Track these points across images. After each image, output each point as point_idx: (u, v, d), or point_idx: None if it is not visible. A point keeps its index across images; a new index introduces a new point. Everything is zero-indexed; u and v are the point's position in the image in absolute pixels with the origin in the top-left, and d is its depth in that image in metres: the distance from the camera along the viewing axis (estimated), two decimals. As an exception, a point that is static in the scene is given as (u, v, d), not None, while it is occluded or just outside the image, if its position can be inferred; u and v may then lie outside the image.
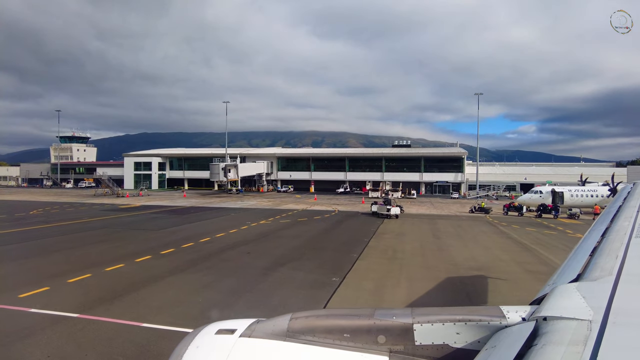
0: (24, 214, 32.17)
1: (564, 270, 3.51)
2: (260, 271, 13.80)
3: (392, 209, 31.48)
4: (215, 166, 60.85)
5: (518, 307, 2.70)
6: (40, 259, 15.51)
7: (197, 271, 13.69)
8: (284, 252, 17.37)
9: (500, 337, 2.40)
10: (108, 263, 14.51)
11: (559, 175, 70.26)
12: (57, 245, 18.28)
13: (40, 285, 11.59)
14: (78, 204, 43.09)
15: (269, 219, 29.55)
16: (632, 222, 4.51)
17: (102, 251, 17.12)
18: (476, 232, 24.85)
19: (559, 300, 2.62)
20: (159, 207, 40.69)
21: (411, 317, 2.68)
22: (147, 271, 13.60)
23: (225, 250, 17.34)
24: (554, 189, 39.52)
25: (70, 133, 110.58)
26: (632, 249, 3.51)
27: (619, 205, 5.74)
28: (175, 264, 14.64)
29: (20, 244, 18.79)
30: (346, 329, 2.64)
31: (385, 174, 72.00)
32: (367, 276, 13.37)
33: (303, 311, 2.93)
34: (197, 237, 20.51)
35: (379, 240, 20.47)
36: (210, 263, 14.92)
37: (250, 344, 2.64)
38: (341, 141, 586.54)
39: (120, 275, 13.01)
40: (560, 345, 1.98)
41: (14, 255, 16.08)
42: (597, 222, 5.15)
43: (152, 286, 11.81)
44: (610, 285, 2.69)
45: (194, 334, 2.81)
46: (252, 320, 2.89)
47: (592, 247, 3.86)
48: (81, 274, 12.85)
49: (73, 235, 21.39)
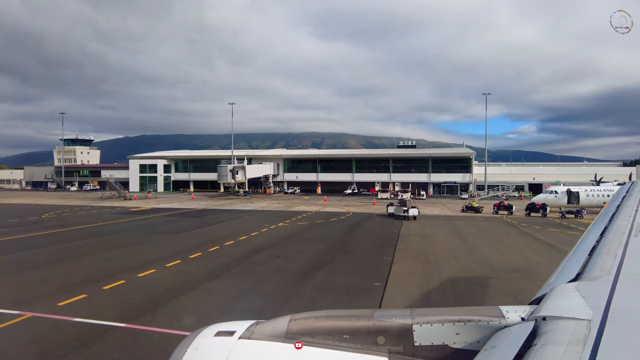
0: (36, 218, 31.78)
1: (563, 270, 3.49)
2: (297, 275, 13.40)
3: (411, 210, 31.15)
4: (223, 168, 60.44)
5: (517, 307, 2.70)
6: (68, 264, 15.09)
7: (232, 276, 13.29)
8: (313, 255, 16.98)
9: (500, 337, 2.39)
10: (138, 268, 14.11)
11: (568, 175, 69.96)
12: (81, 250, 17.87)
13: (76, 292, 11.19)
14: (88, 207, 42.70)
15: (285, 222, 29.15)
16: (631, 221, 4.48)
17: (127, 256, 16.73)
18: (499, 234, 24.46)
19: (558, 299, 2.61)
20: (170, 209, 40.30)
21: (410, 317, 2.66)
22: (181, 277, 13.20)
23: (253, 254, 16.93)
24: (569, 189, 39.08)
25: (73, 136, 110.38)
26: (630, 248, 3.47)
27: (617, 204, 5.74)
28: (207, 269, 14.24)
29: (41, 249, 18.36)
30: (346, 330, 2.63)
31: (393, 174, 71.63)
32: (409, 281, 12.96)
33: (302, 312, 2.91)
34: (220, 240, 20.11)
35: (405, 243, 20.06)
36: (243, 267, 14.52)
37: (249, 345, 2.62)
38: (341, 142, 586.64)
39: (155, 282, 12.61)
40: (559, 344, 1.97)
41: (40, 261, 15.65)
42: (596, 222, 5.10)
43: (192, 293, 11.40)
44: (609, 284, 2.66)
45: (193, 336, 2.79)
46: (252, 322, 2.89)
47: (591, 246, 3.83)
48: (114, 281, 12.45)
49: (93, 240, 21.01)
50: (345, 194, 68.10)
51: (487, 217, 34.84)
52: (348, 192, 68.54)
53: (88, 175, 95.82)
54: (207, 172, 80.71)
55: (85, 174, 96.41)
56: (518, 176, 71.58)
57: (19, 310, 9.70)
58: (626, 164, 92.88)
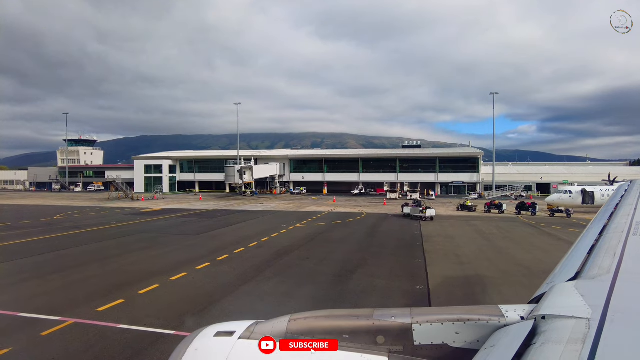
0: (49, 219, 31.41)
1: (562, 269, 3.48)
2: (334, 278, 13.06)
3: (428, 210, 31.00)
4: (230, 168, 60.10)
5: (517, 306, 2.71)
6: (95, 267, 14.73)
7: (266, 279, 12.94)
8: (343, 257, 16.65)
9: (499, 336, 2.40)
10: (169, 271, 13.76)
11: (576, 175, 69.65)
12: (104, 252, 17.52)
13: (112, 297, 10.84)
14: (97, 208, 42.34)
15: (302, 222, 28.80)
16: (630, 220, 4.49)
17: (153, 258, 16.39)
18: (522, 234, 24.16)
19: (557, 298, 2.62)
20: (180, 210, 39.95)
21: (410, 317, 2.68)
22: (214, 280, 12.86)
23: (281, 256, 16.59)
24: (584, 189, 38.79)
25: (77, 136, 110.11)
26: (629, 247, 3.47)
27: (616, 203, 5.75)
28: (239, 272, 13.89)
29: (63, 251, 17.99)
30: (345, 330, 2.64)
31: (400, 174, 71.30)
32: (451, 283, 12.63)
33: (302, 312, 2.92)
34: (243, 242, 19.77)
35: (431, 244, 19.71)
36: (275, 270, 14.17)
37: (249, 345, 2.62)
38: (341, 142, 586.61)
39: (190, 285, 12.27)
40: (558, 343, 1.98)
41: (66, 264, 15.29)
42: (594, 220, 5.10)
43: (231, 297, 11.05)
44: (608, 283, 2.66)
45: (192, 337, 2.78)
46: (251, 322, 2.89)
47: (590, 245, 3.84)
48: (148, 284, 12.09)
49: (113, 242, 20.65)
50: (353, 194, 67.74)
51: (503, 217, 34.51)
52: (355, 193, 68.17)
53: (92, 176, 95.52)
54: (213, 172, 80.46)
55: (89, 175, 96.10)
56: (526, 176, 71.23)
57: (59, 317, 9.35)
58: (632, 164, 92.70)
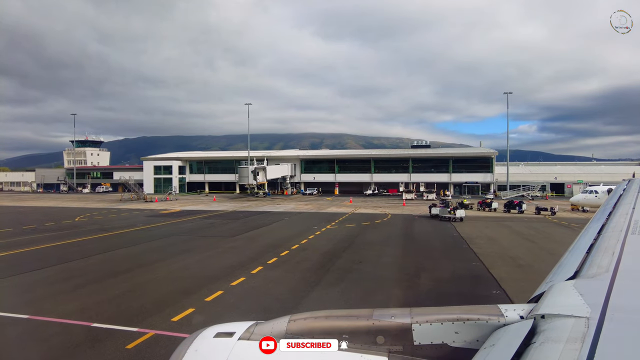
0: (70, 221, 30.89)
1: (561, 268, 3.47)
2: (402, 283, 12.58)
3: (458, 211, 30.66)
4: (244, 169, 59.58)
5: (516, 306, 2.70)
6: (145, 272, 14.16)
7: (332, 284, 12.41)
8: (395, 260, 16.16)
9: (499, 336, 2.40)
10: (225, 276, 13.23)
11: (590, 175, 69.12)
12: (146, 257, 16.98)
13: (181, 305, 10.30)
14: (115, 210, 41.81)
15: (331, 224, 28.26)
16: (628, 219, 4.49)
17: (200, 262, 15.81)
18: (560, 234, 23.81)
19: (556, 297, 2.62)
20: (199, 211, 39.40)
21: (410, 317, 2.68)
22: (278, 285, 12.32)
23: (332, 259, 16.06)
24: (610, 189, 38.24)
25: (83, 137, 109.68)
26: (628, 245, 3.47)
27: (614, 202, 5.71)
28: (298, 276, 13.36)
29: (103, 255, 17.44)
30: (345, 330, 2.64)
31: (413, 174, 70.76)
32: (526, 288, 12.05)
33: (301, 312, 2.92)
34: (283, 244, 19.23)
35: (478, 247, 19.14)
36: (334, 275, 13.61)
37: (249, 346, 2.62)
38: (340, 142, 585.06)
39: (255, 291, 11.74)
40: (558, 342, 1.98)
41: (114, 269, 14.70)
42: (593, 220, 5.11)
43: (307, 303, 10.49)
44: (607, 282, 2.66)
45: (192, 338, 2.78)
46: (251, 323, 2.89)
47: (589, 244, 3.83)
48: (211, 291, 11.57)
49: (149, 245, 20.10)
50: (366, 194, 67.17)
51: (527, 217, 34.01)
52: (368, 193, 67.62)
53: (99, 177, 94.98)
54: (223, 173, 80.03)
55: (96, 176, 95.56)
56: (539, 176, 70.67)
57: (137, 327, 8.82)
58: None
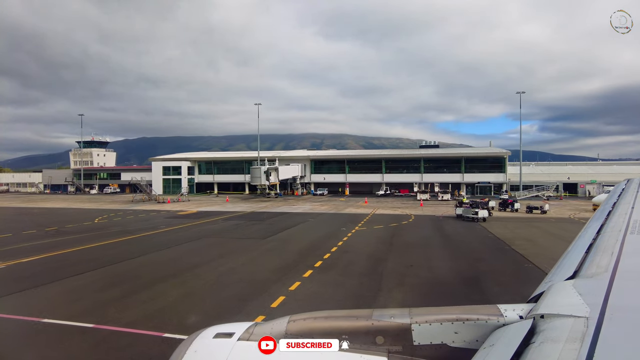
0: (90, 223, 30.39)
1: (560, 268, 3.45)
2: (472, 289, 12.11)
3: (480, 211, 30.31)
4: (256, 170, 59.06)
5: (515, 305, 2.69)
6: (191, 277, 13.57)
7: (394, 288, 11.90)
8: (444, 263, 15.64)
9: (498, 336, 2.39)
10: (278, 281, 12.70)
11: (602, 175, 68.60)
12: (186, 260, 16.42)
13: (247, 312, 9.76)
14: (130, 211, 41.29)
15: (358, 225, 27.73)
16: (627, 219, 4.47)
17: (245, 266, 15.23)
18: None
19: (555, 297, 2.61)
20: (217, 213, 38.86)
21: (409, 317, 2.67)
22: (339, 290, 11.79)
23: (379, 262, 15.56)
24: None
25: (89, 138, 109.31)
26: (627, 245, 3.46)
27: (613, 202, 5.69)
28: (355, 280, 12.83)
29: (140, 259, 16.87)
30: (344, 331, 2.63)
31: (425, 175, 70.22)
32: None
33: (301, 313, 2.89)
34: (321, 247, 18.73)
35: (522, 248, 18.55)
36: (393, 279, 13.06)
37: (248, 347, 2.59)
38: (340, 143, 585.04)
39: (318, 296, 11.23)
40: (557, 342, 1.96)
41: (158, 273, 14.19)
42: (592, 219, 5.12)
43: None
44: (606, 282, 2.65)
45: (191, 338, 2.77)
46: (250, 324, 2.88)
47: (588, 244, 3.82)
48: (271, 297, 11.04)
49: (182, 248, 19.53)
50: (378, 195, 66.56)
51: (552, 217, 33.42)
52: (380, 194, 67.01)
53: (106, 178, 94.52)
54: (232, 173, 79.56)
55: (104, 177, 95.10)
56: (552, 176, 70.10)
57: (214, 337, 8.30)
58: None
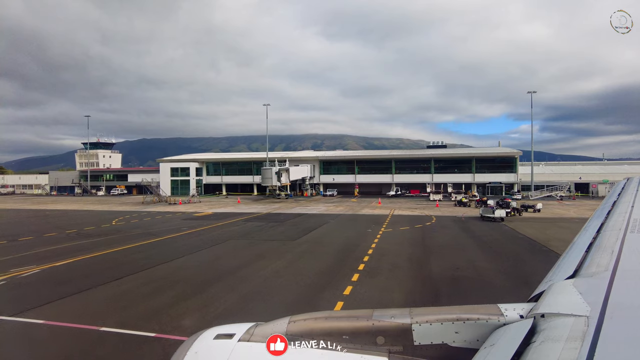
0: (109, 225, 30.09)
1: (560, 267, 3.46)
2: (529, 290, 11.67)
3: (497, 211, 30.92)
4: (267, 170, 58.79)
5: (516, 305, 2.68)
6: (235, 281, 13.21)
7: (453, 294, 11.64)
8: (489, 265, 15.31)
9: (499, 335, 2.38)
10: (327, 284, 12.40)
11: (614, 174, 68.14)
12: (225, 263, 16.12)
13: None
14: (144, 213, 40.97)
15: (383, 226, 27.42)
16: (627, 218, 4.46)
17: (286, 269, 14.86)
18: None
19: (556, 296, 2.60)
20: (233, 214, 38.52)
21: (409, 317, 2.66)
22: (395, 294, 11.47)
23: (422, 265, 15.29)
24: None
25: (95, 139, 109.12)
26: (627, 244, 3.47)
27: (613, 201, 5.70)
28: (410, 285, 12.55)
29: (172, 262, 16.57)
30: (345, 331, 2.63)
31: (435, 175, 69.88)
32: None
33: (301, 314, 2.87)
34: (354, 249, 18.45)
35: (558, 249, 18.27)
36: (447, 284, 12.82)
37: (249, 348, 2.59)
38: (340, 143, 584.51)
39: (375, 301, 10.93)
40: (558, 341, 1.96)
41: (199, 278, 13.84)
42: (592, 218, 5.11)
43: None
44: (606, 281, 2.64)
45: (192, 340, 2.76)
46: (251, 324, 2.86)
47: (588, 243, 3.82)
48: (329, 302, 10.76)
49: (213, 250, 19.17)
50: (389, 195, 66.21)
51: (579, 217, 33.04)
52: (391, 194, 66.66)
53: (113, 179, 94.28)
54: (240, 174, 79.29)
55: (110, 178, 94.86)
56: (563, 176, 69.73)
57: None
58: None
